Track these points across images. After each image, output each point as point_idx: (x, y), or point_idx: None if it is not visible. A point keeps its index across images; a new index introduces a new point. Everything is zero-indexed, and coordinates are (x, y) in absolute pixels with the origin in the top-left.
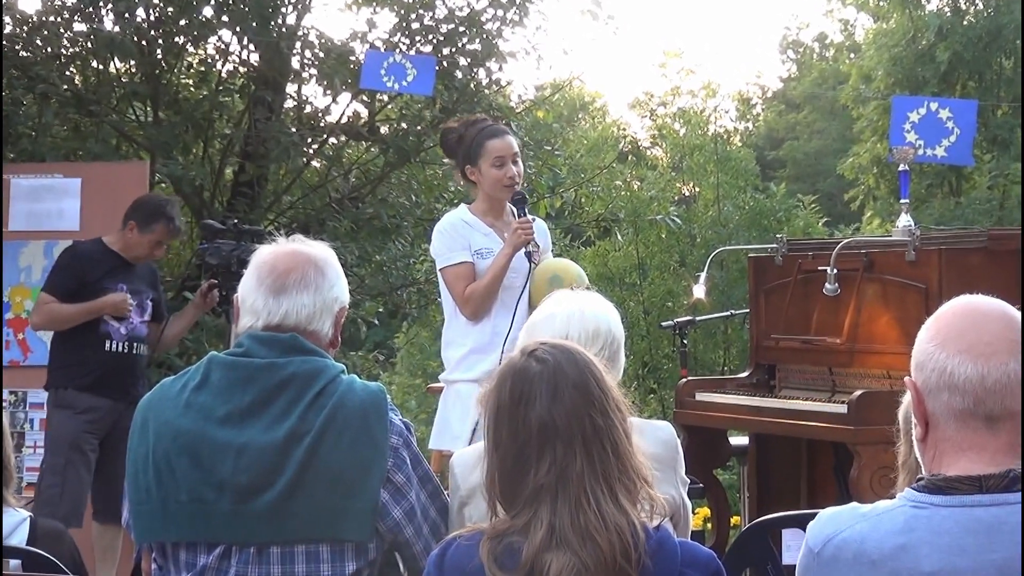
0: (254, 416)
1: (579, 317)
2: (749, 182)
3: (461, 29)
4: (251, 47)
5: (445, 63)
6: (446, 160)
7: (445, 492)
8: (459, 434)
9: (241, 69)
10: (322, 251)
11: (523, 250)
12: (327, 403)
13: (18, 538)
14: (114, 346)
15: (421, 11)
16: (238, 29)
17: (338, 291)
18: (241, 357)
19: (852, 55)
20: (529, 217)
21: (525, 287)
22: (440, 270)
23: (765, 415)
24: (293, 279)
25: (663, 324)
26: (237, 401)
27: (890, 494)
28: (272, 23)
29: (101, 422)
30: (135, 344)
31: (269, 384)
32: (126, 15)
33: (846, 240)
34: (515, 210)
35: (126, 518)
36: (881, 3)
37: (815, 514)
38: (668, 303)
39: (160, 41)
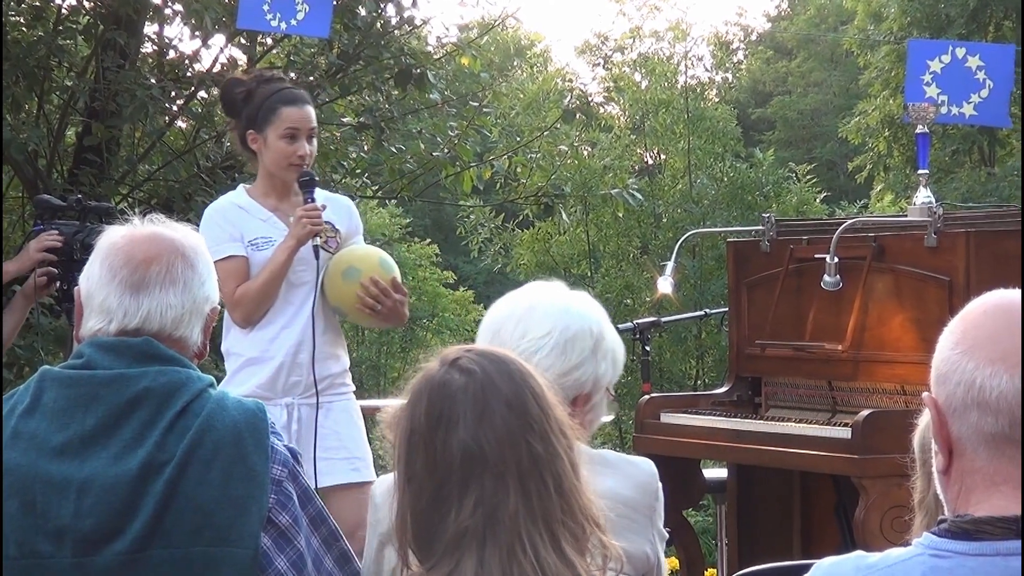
0: (99, 444)
1: (562, 313)
2: (728, 147)
3: None
4: None
5: None
6: (345, 119)
7: (344, 539)
8: None
9: (87, 4)
10: (189, 237)
11: (310, 243)
12: (191, 425)
13: None
14: None
15: None
16: None
17: (209, 288)
18: (80, 370)
19: None
20: (319, 203)
21: (318, 282)
22: None
23: (748, 441)
24: (156, 272)
25: (620, 327)
26: (77, 426)
27: (904, 540)
28: None
29: None
30: None
31: (117, 402)
32: None
33: (850, 221)
34: (302, 194)
35: None
36: None
37: (811, 565)
38: (626, 300)
39: None
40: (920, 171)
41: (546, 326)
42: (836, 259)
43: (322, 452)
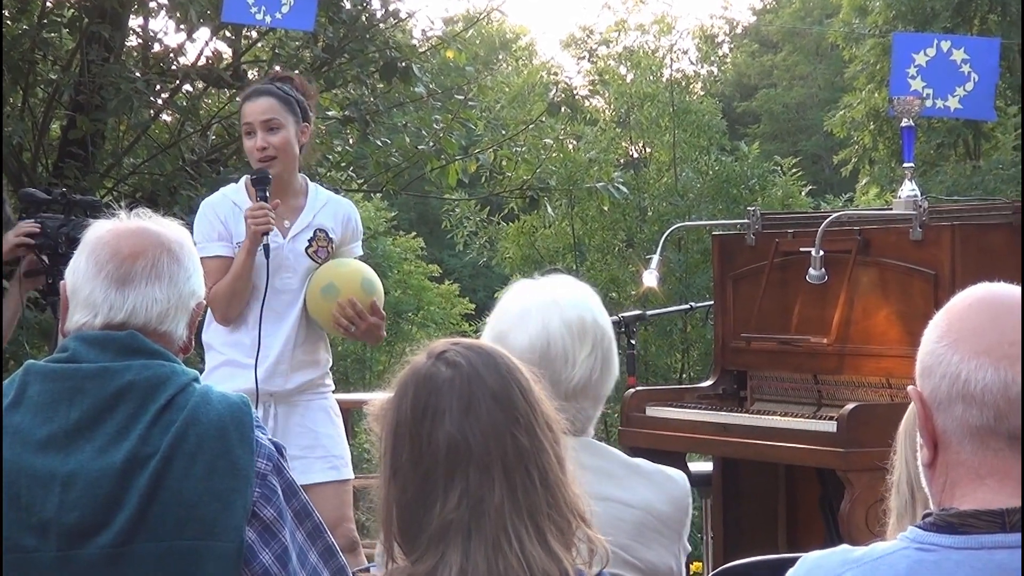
0: (83, 437)
1: (557, 309)
2: (714, 141)
3: None
4: None
5: None
6: (330, 112)
7: (329, 533)
8: None
9: None
10: (176, 232)
11: (262, 244)
12: (176, 418)
13: None
14: None
15: None
16: None
17: (195, 283)
18: (65, 364)
19: None
20: (301, 193)
21: (302, 291)
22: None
23: (734, 434)
24: (142, 267)
25: None
26: (61, 420)
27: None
28: None
29: None
30: None
31: (101, 396)
32: None
33: (835, 214)
34: (255, 192)
35: None
36: None
37: (796, 559)
38: (612, 293)
39: None
40: (905, 164)
41: (587, 342)
42: (821, 252)
43: (299, 451)
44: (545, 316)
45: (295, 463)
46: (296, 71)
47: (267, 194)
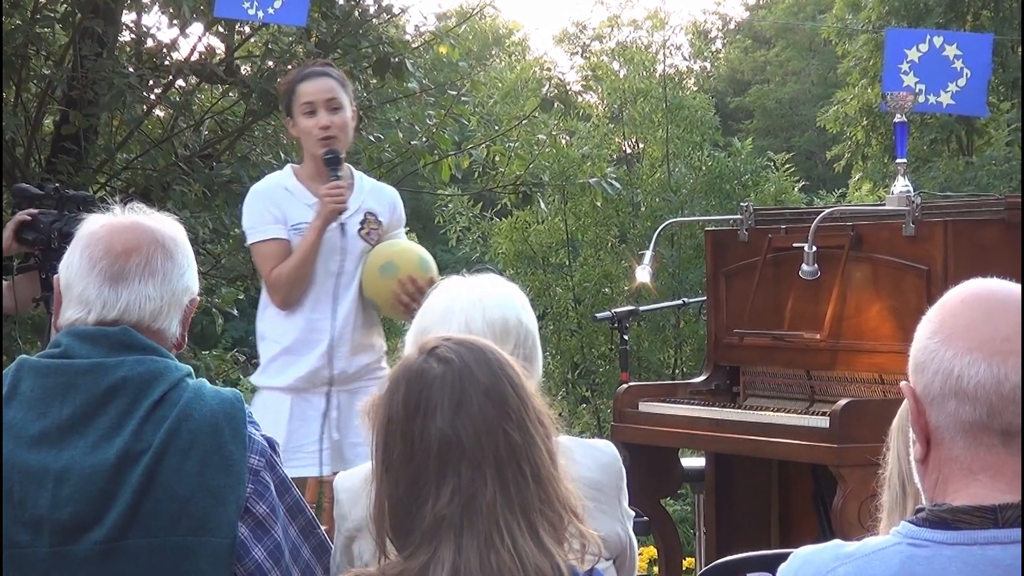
0: (76, 433)
1: (480, 308)
2: (707, 136)
3: None
4: None
5: None
6: None
7: (322, 527)
8: None
9: None
10: (169, 227)
11: (337, 222)
12: (169, 414)
13: None
14: None
15: None
16: None
17: (189, 279)
18: (57, 359)
19: None
20: (347, 179)
21: (357, 273)
22: (250, 246)
23: (726, 430)
24: (135, 263)
25: (598, 315)
26: (54, 415)
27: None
28: None
29: None
30: None
31: (94, 391)
32: None
33: (828, 210)
34: (327, 171)
35: None
36: None
37: (789, 554)
38: (605, 289)
39: None
40: (898, 160)
41: (509, 342)
42: (814, 248)
43: (356, 437)
44: (468, 315)
45: (357, 451)
46: (289, 66)
47: (339, 174)
